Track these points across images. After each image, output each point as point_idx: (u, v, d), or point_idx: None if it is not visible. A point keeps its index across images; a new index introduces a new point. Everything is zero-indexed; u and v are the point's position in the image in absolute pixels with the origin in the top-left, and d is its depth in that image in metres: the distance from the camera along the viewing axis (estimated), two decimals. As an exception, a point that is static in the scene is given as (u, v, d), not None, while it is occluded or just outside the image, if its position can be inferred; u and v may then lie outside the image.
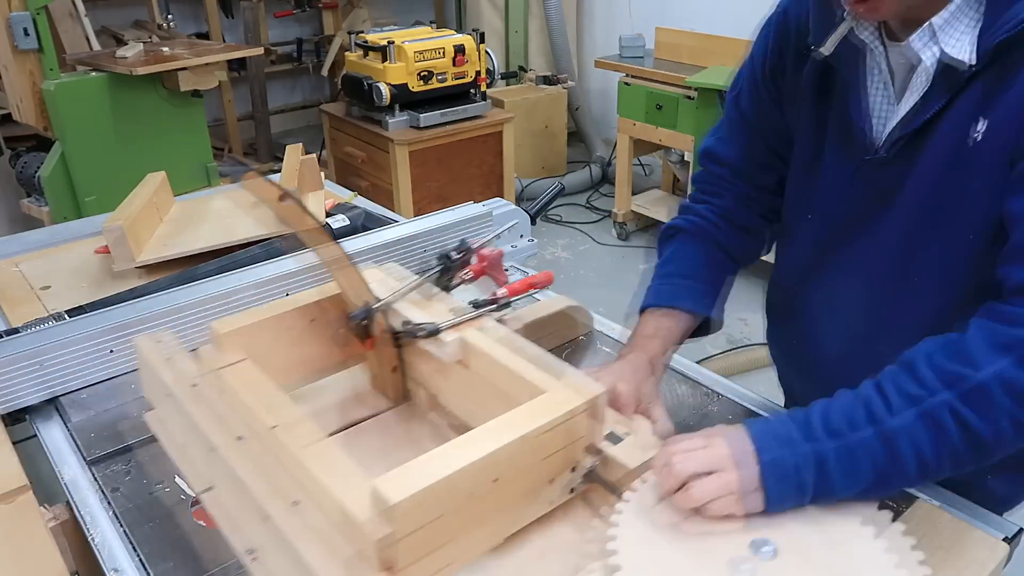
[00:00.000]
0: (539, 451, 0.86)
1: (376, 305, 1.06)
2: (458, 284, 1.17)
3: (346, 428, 1.11)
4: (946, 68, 0.90)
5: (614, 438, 0.96)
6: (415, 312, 1.07)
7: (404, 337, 1.06)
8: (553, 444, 0.87)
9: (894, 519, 0.87)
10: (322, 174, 2.04)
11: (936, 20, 0.88)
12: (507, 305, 1.13)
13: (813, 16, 1.02)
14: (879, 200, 1.02)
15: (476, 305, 1.10)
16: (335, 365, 1.17)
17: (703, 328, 1.21)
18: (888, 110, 1.00)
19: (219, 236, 1.74)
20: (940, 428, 0.82)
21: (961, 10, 0.88)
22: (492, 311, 1.10)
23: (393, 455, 0.90)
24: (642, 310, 1.18)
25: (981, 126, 0.89)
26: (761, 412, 1.18)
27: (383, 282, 1.12)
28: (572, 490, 0.94)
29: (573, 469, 0.92)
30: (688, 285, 1.18)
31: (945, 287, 0.99)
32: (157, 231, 1.82)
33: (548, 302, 1.41)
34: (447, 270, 1.15)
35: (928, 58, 0.90)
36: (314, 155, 2.04)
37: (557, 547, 0.91)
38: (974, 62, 0.87)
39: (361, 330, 1.08)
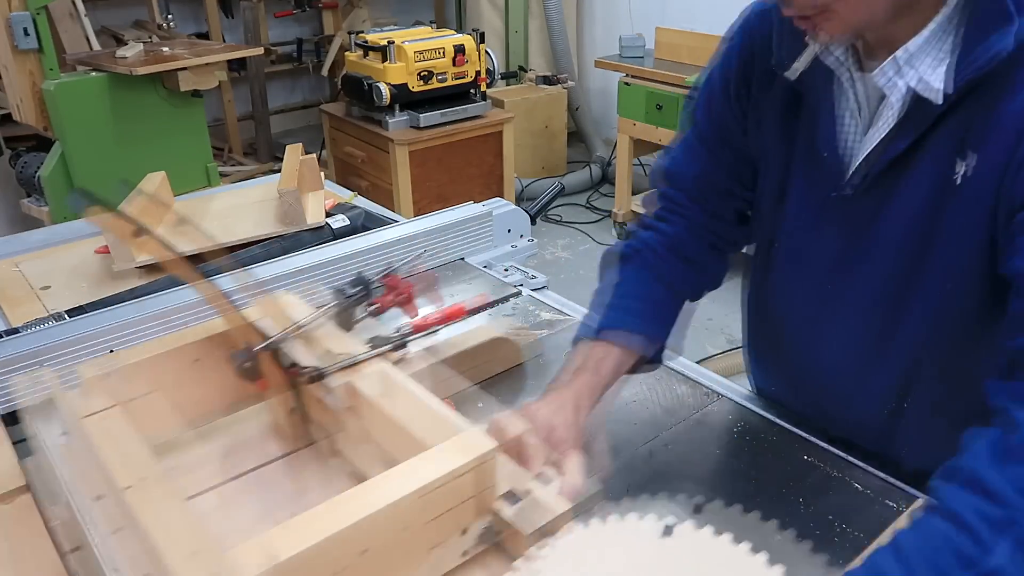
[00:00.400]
0: (417, 516, 0.77)
1: (259, 346, 0.95)
2: (362, 319, 1.07)
3: (241, 475, 1.00)
4: (919, 100, 0.84)
5: (512, 497, 0.85)
6: (303, 353, 0.96)
7: (292, 379, 0.95)
8: (437, 505, 0.78)
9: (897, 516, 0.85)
10: (322, 174, 2.04)
11: (900, 54, 0.83)
12: (402, 346, 1.00)
13: (777, 35, 0.94)
14: (854, 238, 0.96)
15: (374, 344, 0.99)
16: (230, 405, 1.07)
17: (651, 360, 1.11)
18: (856, 142, 0.93)
19: (220, 236, 1.74)
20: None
21: (934, 38, 0.82)
22: (388, 350, 0.98)
23: (281, 509, 0.84)
24: (576, 340, 1.08)
25: (966, 164, 0.83)
26: (762, 413, 1.18)
27: (287, 313, 1.01)
28: (465, 553, 0.84)
29: (464, 532, 0.83)
30: (627, 316, 1.06)
31: (938, 321, 0.93)
32: (157, 230, 1.82)
33: (477, 330, 1.28)
34: (346, 306, 1.05)
35: (894, 93, 0.85)
36: (314, 155, 2.04)
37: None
38: (950, 91, 0.81)
39: (247, 372, 0.97)
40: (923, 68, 0.82)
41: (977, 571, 0.69)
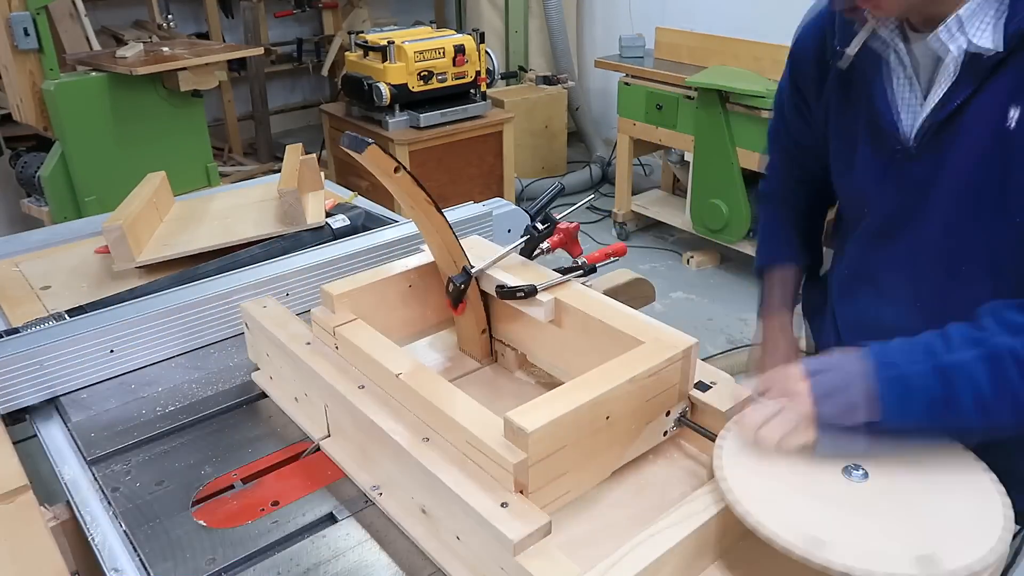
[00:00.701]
0: (642, 394, 0.97)
1: (474, 270, 1.18)
2: (537, 255, 1.27)
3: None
4: (972, 58, 0.92)
5: (702, 386, 1.05)
6: (508, 277, 1.18)
7: (504, 297, 1.16)
8: (653, 388, 0.99)
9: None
10: (322, 174, 2.04)
11: (963, 12, 0.91)
12: (592, 270, 1.22)
13: (838, 22, 1.07)
14: (916, 194, 1.03)
15: (562, 271, 1.19)
16: (427, 328, 1.30)
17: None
18: (914, 104, 1.02)
19: (219, 236, 1.74)
20: (1000, 368, 0.84)
21: (986, 2, 0.91)
22: (579, 276, 1.19)
23: (490, 407, 0.97)
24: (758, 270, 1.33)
25: (1017, 111, 0.91)
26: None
27: (471, 251, 1.22)
28: (665, 433, 1.04)
29: (667, 414, 1.03)
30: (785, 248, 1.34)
31: (995, 274, 0.99)
32: (157, 231, 1.82)
33: (617, 273, 1.58)
34: (531, 241, 1.26)
35: (955, 49, 0.93)
36: (314, 155, 2.04)
37: (652, 484, 1.04)
38: (1000, 48, 0.89)
39: (458, 293, 1.18)
40: (973, 31, 0.91)
41: (936, 361, 0.87)
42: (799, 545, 0.78)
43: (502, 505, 0.85)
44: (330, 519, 1.02)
